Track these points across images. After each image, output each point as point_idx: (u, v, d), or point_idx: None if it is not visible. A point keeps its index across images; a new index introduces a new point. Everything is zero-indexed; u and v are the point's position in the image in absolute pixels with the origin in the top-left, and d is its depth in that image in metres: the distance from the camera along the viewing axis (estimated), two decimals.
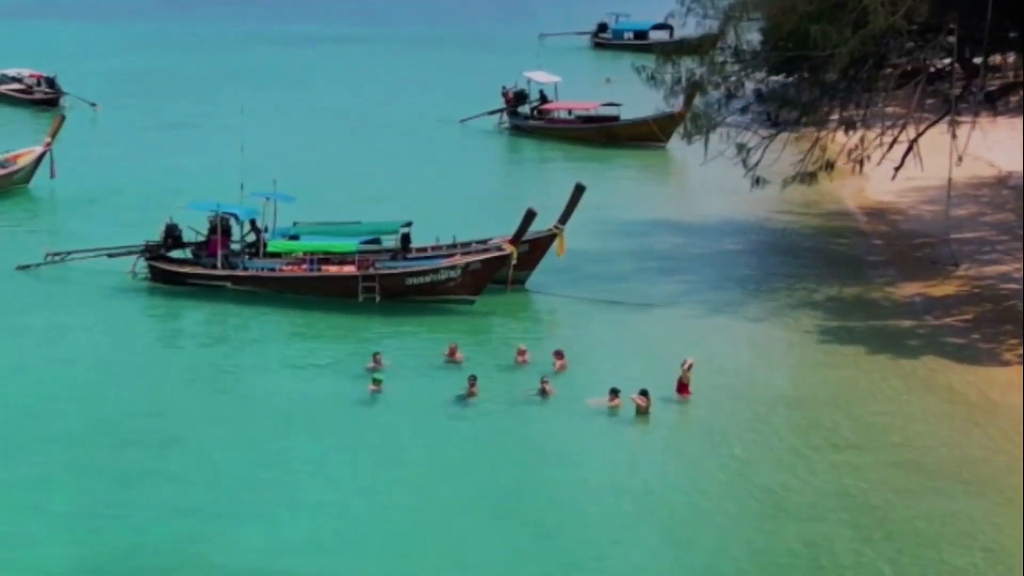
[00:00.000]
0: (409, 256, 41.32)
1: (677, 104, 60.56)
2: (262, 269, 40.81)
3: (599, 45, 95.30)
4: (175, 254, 41.94)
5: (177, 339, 38.81)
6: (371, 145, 63.15)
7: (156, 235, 42.48)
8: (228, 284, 40.65)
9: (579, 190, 40.79)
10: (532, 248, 40.62)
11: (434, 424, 31.78)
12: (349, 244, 40.28)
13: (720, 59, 45.32)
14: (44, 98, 72.07)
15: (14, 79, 73.59)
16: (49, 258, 42.62)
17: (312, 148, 61.74)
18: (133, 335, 38.09)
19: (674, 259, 45.76)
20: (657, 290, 42.07)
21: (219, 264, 40.91)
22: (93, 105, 70.09)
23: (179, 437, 30.81)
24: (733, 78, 45.68)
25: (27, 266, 42.56)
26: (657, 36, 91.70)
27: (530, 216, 39.41)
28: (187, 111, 71.40)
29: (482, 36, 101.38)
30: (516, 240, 39.54)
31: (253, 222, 41.87)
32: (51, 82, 72.82)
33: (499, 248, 39.72)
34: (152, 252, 41.63)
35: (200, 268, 41.16)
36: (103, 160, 59.21)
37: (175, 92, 76.97)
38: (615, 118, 64.47)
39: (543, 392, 32.86)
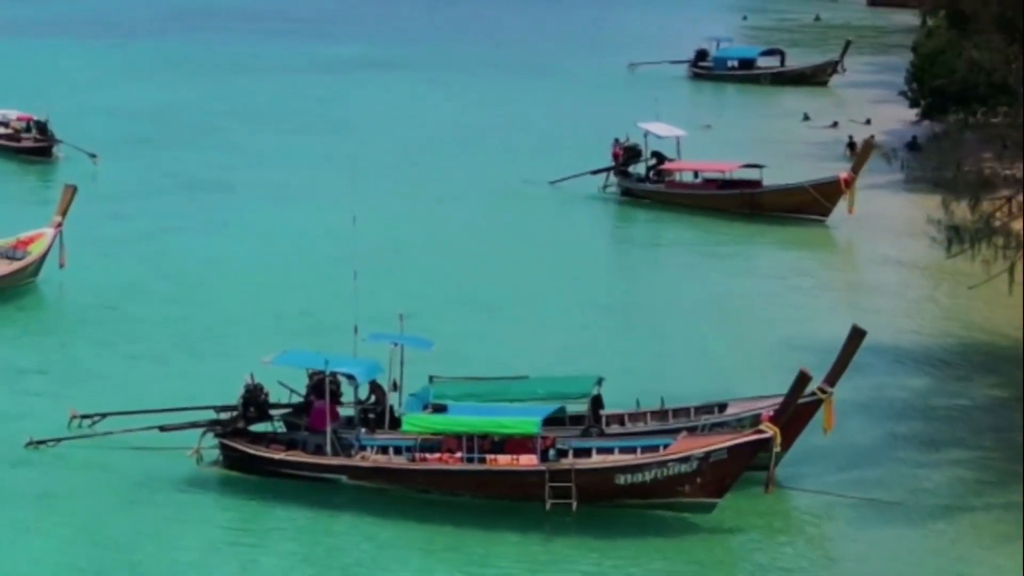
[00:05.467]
0: (608, 433, 28.29)
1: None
2: (393, 453, 27.70)
3: (698, 75, 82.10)
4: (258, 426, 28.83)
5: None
6: (455, 220, 49.26)
7: (218, 382, 30.30)
8: (343, 478, 27.56)
9: (858, 336, 27.91)
10: (789, 420, 27.61)
11: None
12: (528, 421, 27.10)
13: None
14: (34, 147, 58.64)
15: None
16: (76, 422, 29.97)
17: (381, 225, 47.15)
18: (199, 568, 25.21)
19: (937, 418, 32.74)
20: (948, 479, 29.35)
21: (328, 446, 27.71)
22: (92, 156, 56.54)
23: None
24: None
25: (42, 442, 29.38)
26: (766, 63, 79.60)
27: (803, 381, 26.62)
28: (213, 163, 57.63)
29: (552, 62, 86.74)
30: (782, 415, 26.67)
31: (375, 385, 28.69)
32: (42, 127, 59.14)
33: (755, 427, 26.80)
34: (226, 427, 28.39)
35: (300, 453, 28.01)
36: (117, 241, 45.82)
37: (194, 136, 62.85)
38: (757, 182, 51.26)
39: None
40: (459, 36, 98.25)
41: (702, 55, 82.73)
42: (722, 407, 29.17)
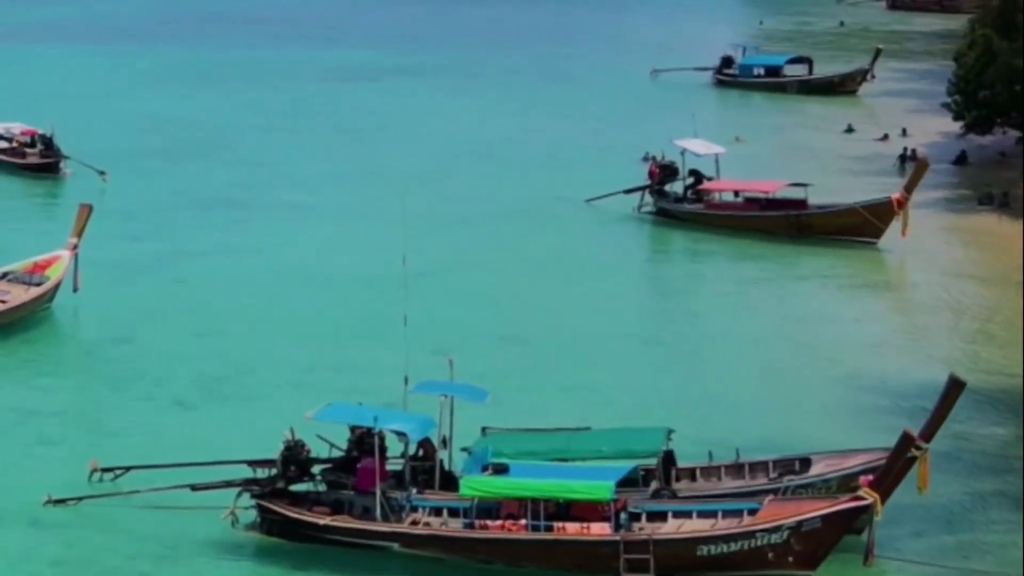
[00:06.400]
0: (682, 496, 25.76)
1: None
2: (448, 515, 25.16)
3: (723, 83, 79.37)
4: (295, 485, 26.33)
5: None
6: (489, 244, 46.42)
7: (248, 428, 28.44)
8: (395, 545, 25.00)
9: (956, 388, 25.33)
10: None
11: None
12: (600, 486, 24.55)
13: None
14: (40, 163, 55.93)
15: (1, 138, 57.37)
16: (97, 475, 27.66)
17: (413, 249, 44.24)
18: None
19: None
20: None
21: (378, 509, 25.17)
22: (102, 173, 53.84)
23: None
24: None
25: (62, 500, 26.84)
26: (793, 72, 76.92)
27: (907, 443, 24.26)
28: (231, 178, 54.83)
29: (572, 68, 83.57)
30: (883, 480, 24.23)
31: (425, 439, 26.14)
32: (48, 141, 56.41)
33: (848, 490, 24.35)
34: (265, 487, 25.86)
35: (346, 518, 25.47)
36: (131, 264, 43.35)
37: (209, 149, 60.01)
38: (803, 202, 48.62)
39: None
40: (475, 41, 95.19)
41: (727, 62, 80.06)
42: (804, 462, 26.72)
